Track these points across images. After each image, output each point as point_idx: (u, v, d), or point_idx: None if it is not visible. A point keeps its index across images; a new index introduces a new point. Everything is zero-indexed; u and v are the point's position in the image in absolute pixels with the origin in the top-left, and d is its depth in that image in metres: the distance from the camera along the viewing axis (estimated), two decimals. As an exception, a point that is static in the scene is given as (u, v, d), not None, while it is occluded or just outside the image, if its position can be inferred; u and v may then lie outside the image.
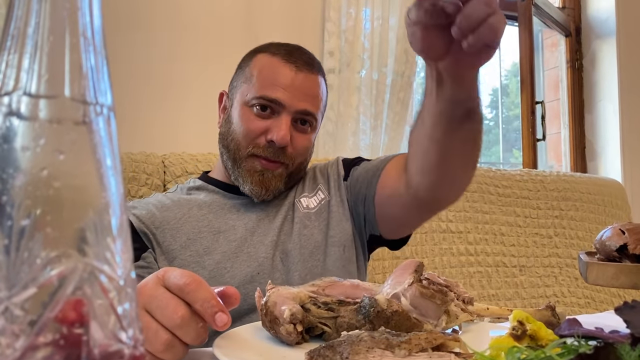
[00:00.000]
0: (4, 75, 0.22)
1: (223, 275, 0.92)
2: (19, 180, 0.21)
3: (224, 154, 1.02)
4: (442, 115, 0.75)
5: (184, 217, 0.98)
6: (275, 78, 0.97)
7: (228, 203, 1.02)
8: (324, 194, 1.06)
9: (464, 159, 0.83)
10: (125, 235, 0.24)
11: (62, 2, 0.23)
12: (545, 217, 1.80)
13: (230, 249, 0.95)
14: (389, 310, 0.58)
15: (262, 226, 1.00)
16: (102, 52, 0.24)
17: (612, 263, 0.56)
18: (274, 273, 0.95)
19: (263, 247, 0.96)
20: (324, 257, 0.99)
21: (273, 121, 0.97)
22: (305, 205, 1.04)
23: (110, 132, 0.24)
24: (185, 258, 0.93)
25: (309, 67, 1.00)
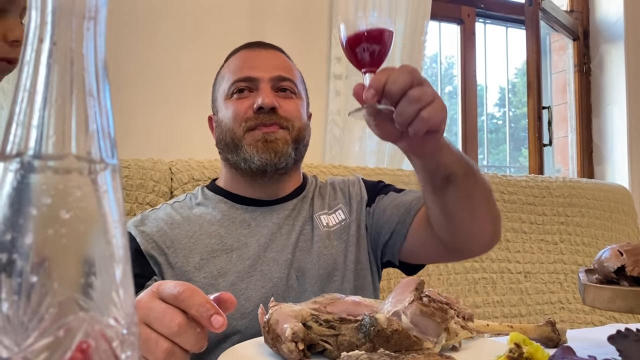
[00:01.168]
0: (13, 136, 0.24)
1: (238, 298, 0.90)
2: (28, 239, 0.22)
3: (228, 155, 1.02)
4: (424, 181, 0.83)
5: (195, 234, 0.97)
6: (242, 63, 1.04)
7: (238, 217, 1.00)
8: (345, 215, 1.04)
9: (468, 214, 0.84)
10: (127, 283, 0.25)
11: (70, 66, 0.24)
12: (551, 223, 1.80)
13: (244, 268, 0.94)
14: (389, 329, 0.59)
15: (275, 241, 0.98)
16: (107, 109, 0.26)
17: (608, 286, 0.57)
18: (289, 292, 0.93)
19: (277, 265, 0.95)
20: (342, 280, 0.98)
21: (254, 95, 1.00)
22: (325, 223, 1.02)
23: (115, 187, 0.25)
24: (200, 280, 0.92)
25: (269, 46, 1.08)
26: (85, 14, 0.25)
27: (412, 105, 0.66)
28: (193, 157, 1.47)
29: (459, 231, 0.88)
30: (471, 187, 0.82)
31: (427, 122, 0.67)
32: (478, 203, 0.84)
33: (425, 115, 0.66)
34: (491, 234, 0.90)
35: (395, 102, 0.67)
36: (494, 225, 0.89)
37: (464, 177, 0.80)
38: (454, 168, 0.78)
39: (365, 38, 0.69)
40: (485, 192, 0.86)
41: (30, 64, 0.24)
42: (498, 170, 2.67)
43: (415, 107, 0.66)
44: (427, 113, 0.66)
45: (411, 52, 1.97)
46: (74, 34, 0.25)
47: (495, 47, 2.62)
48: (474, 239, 0.90)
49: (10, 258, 0.22)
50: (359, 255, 1.01)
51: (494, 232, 0.90)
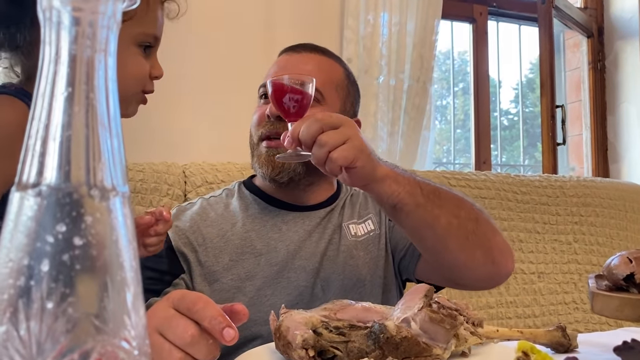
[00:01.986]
0: (29, 167, 0.25)
1: (263, 303, 0.92)
2: (44, 266, 0.24)
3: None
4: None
5: (227, 234, 0.98)
6: (277, 65, 1.04)
7: (270, 220, 1.01)
8: (374, 226, 1.04)
9: (435, 244, 0.86)
10: (138, 305, 0.26)
11: (83, 98, 0.25)
12: (565, 223, 1.79)
13: (272, 274, 0.94)
14: (398, 337, 0.60)
15: (304, 249, 0.98)
16: (118, 138, 0.27)
17: (616, 295, 0.57)
18: (313, 302, 0.93)
19: (304, 273, 0.96)
20: (369, 293, 0.98)
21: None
22: (353, 233, 1.02)
23: (125, 213, 0.26)
24: (227, 282, 0.93)
25: (305, 49, 1.05)
26: (97, 47, 0.26)
27: (321, 149, 0.75)
28: (206, 160, 1.48)
29: (437, 262, 0.89)
30: (430, 217, 0.83)
31: (336, 162, 0.75)
32: (446, 232, 0.84)
33: (334, 156, 0.74)
34: (484, 264, 0.87)
35: (309, 147, 0.77)
36: (488, 258, 0.87)
37: (417, 207, 0.82)
38: (401, 198, 0.81)
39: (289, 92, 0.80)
40: (462, 221, 0.85)
41: (45, 96, 0.25)
42: (511, 170, 2.65)
43: (324, 151, 0.75)
44: (337, 154, 0.74)
45: (422, 51, 1.97)
46: (87, 67, 0.26)
47: (509, 44, 2.60)
48: (462, 272, 0.88)
49: (28, 284, 0.23)
50: (386, 268, 1.01)
51: (489, 264, 0.87)
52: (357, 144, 0.76)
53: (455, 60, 2.64)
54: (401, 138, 1.93)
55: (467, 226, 0.85)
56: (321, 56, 1.06)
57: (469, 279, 0.91)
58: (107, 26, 0.27)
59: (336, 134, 0.75)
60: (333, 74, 1.05)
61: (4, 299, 0.24)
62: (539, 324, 1.66)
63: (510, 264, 0.91)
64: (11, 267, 0.24)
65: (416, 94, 1.96)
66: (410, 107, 1.94)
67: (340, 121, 0.77)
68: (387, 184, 0.81)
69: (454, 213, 0.85)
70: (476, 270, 0.88)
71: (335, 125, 0.76)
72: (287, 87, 0.80)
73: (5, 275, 0.24)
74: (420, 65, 1.95)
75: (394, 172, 0.83)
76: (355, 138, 0.77)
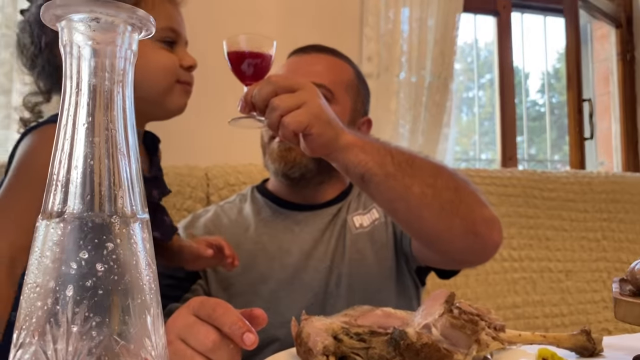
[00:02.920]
0: (53, 196, 0.26)
1: (279, 306, 0.93)
2: (69, 291, 0.25)
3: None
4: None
5: (240, 239, 0.99)
6: (285, 69, 1.04)
7: (280, 222, 1.01)
8: (379, 214, 1.03)
9: (407, 215, 0.81)
10: (158, 325, 0.27)
11: (102, 129, 0.26)
12: (593, 220, 1.76)
13: (286, 276, 0.95)
14: (419, 343, 0.60)
15: (317, 249, 0.99)
16: (136, 163, 0.28)
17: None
18: (328, 300, 0.94)
19: (318, 274, 0.96)
20: (382, 285, 0.98)
21: None
22: (358, 224, 1.01)
23: (144, 238, 0.27)
24: (241, 286, 0.94)
25: (315, 50, 1.05)
26: (115, 78, 0.27)
27: (272, 112, 0.72)
28: (228, 163, 1.50)
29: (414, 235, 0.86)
30: (401, 187, 0.78)
31: (288, 127, 0.71)
32: (419, 201, 0.79)
33: (286, 120, 0.71)
34: (463, 234, 0.82)
35: (262, 112, 0.74)
36: (469, 229, 0.82)
37: (386, 177, 0.78)
38: (369, 168, 0.77)
39: (247, 56, 0.78)
40: (438, 190, 0.80)
41: (68, 127, 0.27)
42: (539, 165, 2.61)
43: (275, 114, 0.72)
44: (289, 119, 0.71)
45: (443, 47, 1.95)
46: (106, 98, 0.27)
47: (535, 35, 2.56)
48: (441, 244, 0.84)
49: (54, 308, 0.25)
50: (396, 256, 1.00)
51: (470, 236, 0.83)
52: (313, 109, 0.73)
53: (482, 50, 2.61)
54: (422, 135, 1.92)
55: (443, 195, 0.81)
56: (331, 57, 1.05)
57: (450, 250, 0.86)
58: (125, 57, 0.28)
59: (290, 98, 0.72)
60: (343, 74, 1.04)
61: (33, 322, 0.25)
62: (567, 323, 1.64)
63: (496, 235, 0.85)
64: (39, 292, 0.25)
65: (437, 90, 1.95)
66: (431, 104, 1.93)
67: (298, 85, 0.74)
68: (352, 153, 0.77)
69: (428, 182, 0.80)
70: (456, 241, 0.83)
71: (291, 89, 0.73)
72: (245, 52, 0.77)
73: (34, 299, 0.25)
74: (442, 61, 1.94)
75: (362, 140, 0.78)
76: (312, 102, 0.73)
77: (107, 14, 0.26)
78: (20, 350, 0.25)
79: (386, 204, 0.82)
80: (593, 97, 2.43)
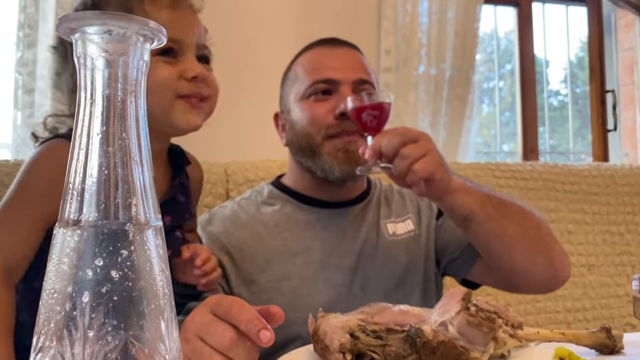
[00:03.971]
0: (69, 205, 0.27)
1: (301, 303, 0.93)
2: (85, 297, 0.26)
3: (302, 159, 1.00)
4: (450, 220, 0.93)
5: (261, 235, 0.98)
6: (320, 61, 1.01)
7: (303, 219, 1.01)
8: (414, 226, 1.04)
9: (502, 253, 0.90)
10: (172, 329, 0.28)
11: (116, 138, 0.27)
12: (616, 213, 1.73)
13: (308, 273, 0.95)
14: (435, 341, 0.60)
15: (340, 247, 0.98)
16: (150, 171, 0.28)
17: (660, 301, 0.56)
18: (352, 301, 0.92)
19: (340, 272, 0.96)
20: (410, 294, 0.98)
21: (334, 99, 0.96)
22: (391, 232, 1.02)
23: (157, 244, 0.28)
24: (264, 283, 0.94)
25: (345, 44, 1.04)
26: (128, 88, 0.28)
27: (403, 161, 0.79)
28: (247, 159, 1.51)
29: (500, 268, 0.91)
30: (498, 227, 0.88)
31: (417, 174, 0.79)
32: (512, 240, 0.89)
33: (416, 167, 0.79)
34: (544, 269, 0.92)
35: (390, 160, 0.80)
36: (549, 265, 0.92)
37: (487, 218, 0.87)
38: (473, 209, 0.86)
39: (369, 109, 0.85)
40: (526, 230, 0.90)
41: (83, 137, 0.27)
42: (560, 158, 2.57)
43: (406, 163, 0.79)
44: (418, 166, 0.79)
45: (464, 39, 1.93)
46: (120, 108, 0.28)
47: (557, 25, 2.51)
48: (523, 278, 0.92)
49: (71, 314, 0.26)
50: (427, 269, 1.01)
51: (549, 270, 0.93)
52: (437, 158, 0.81)
53: (502, 40, 2.57)
54: (443, 128, 1.91)
55: (530, 234, 0.90)
56: (358, 52, 1.05)
57: (530, 284, 0.94)
58: (137, 67, 0.28)
59: (417, 147, 0.79)
60: (371, 70, 1.05)
61: (51, 327, 0.26)
62: (589, 318, 1.62)
63: (567, 270, 0.95)
64: (56, 298, 0.26)
65: (458, 83, 1.93)
66: (452, 97, 1.91)
67: (419, 135, 0.82)
68: (459, 196, 0.85)
69: (519, 222, 0.90)
70: (537, 276, 0.93)
71: (415, 139, 0.80)
72: (367, 104, 0.85)
73: (52, 304, 0.26)
74: (463, 53, 1.92)
75: (465, 184, 0.87)
76: (434, 151, 0.81)
77: (119, 26, 0.27)
78: (40, 354, 0.26)
79: (484, 242, 0.91)
80: (617, 88, 2.38)
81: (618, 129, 2.28)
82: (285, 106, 1.06)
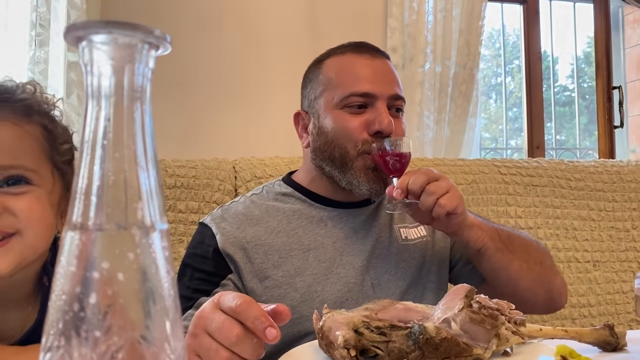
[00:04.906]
0: (77, 209, 0.27)
1: (314, 299, 0.94)
2: (92, 299, 0.26)
3: (327, 167, 1.00)
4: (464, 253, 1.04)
5: (274, 231, 0.99)
6: (357, 72, 0.99)
7: (315, 216, 1.02)
8: (426, 232, 1.07)
9: (508, 282, 0.98)
10: (177, 330, 0.29)
11: (122, 144, 0.28)
12: (622, 209, 1.72)
13: (321, 270, 0.96)
14: (438, 338, 0.61)
15: (351, 245, 1.00)
16: (155, 178, 0.29)
17: (661, 299, 0.56)
18: (363, 299, 0.94)
19: (353, 270, 0.98)
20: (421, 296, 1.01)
21: (370, 113, 0.96)
22: (404, 237, 1.04)
23: (163, 247, 0.29)
24: (278, 278, 0.94)
25: (381, 54, 1.03)
26: (134, 94, 0.29)
27: (430, 197, 0.88)
28: (255, 156, 1.52)
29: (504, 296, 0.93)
30: (506, 260, 0.96)
31: (444, 207, 0.87)
32: (517, 274, 0.97)
33: (442, 202, 0.87)
34: (544, 300, 1.02)
35: (417, 196, 0.89)
36: (548, 297, 1.02)
37: (497, 251, 0.95)
38: (485, 242, 0.95)
39: (392, 155, 0.94)
40: (531, 265, 0.99)
41: (89, 143, 0.28)
42: (567, 154, 2.56)
43: (432, 198, 0.88)
44: (444, 200, 0.88)
45: (468, 37, 1.93)
46: (126, 114, 0.28)
47: (564, 21, 2.50)
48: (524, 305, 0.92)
49: (79, 315, 0.26)
50: (439, 274, 1.04)
51: (548, 302, 1.03)
52: (458, 194, 0.90)
53: (511, 36, 2.56)
54: (448, 125, 1.91)
55: (534, 269, 0.99)
56: (389, 61, 1.05)
57: (528, 310, 0.98)
58: (143, 74, 0.29)
59: (442, 184, 0.89)
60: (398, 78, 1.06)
61: (60, 327, 0.27)
62: (595, 314, 1.62)
63: (564, 299, 1.06)
64: (64, 300, 0.27)
65: (463, 80, 1.93)
66: (457, 94, 1.91)
67: (440, 174, 0.91)
68: (474, 231, 0.94)
69: (524, 257, 0.99)
70: (537, 305, 1.03)
71: (437, 177, 0.90)
72: (389, 151, 0.93)
73: (60, 306, 0.27)
74: (467, 51, 1.92)
75: (477, 219, 0.96)
76: (455, 189, 0.90)
77: (125, 35, 0.28)
78: (49, 353, 0.26)
79: (491, 272, 0.98)
80: (624, 84, 2.37)
81: (625, 125, 2.27)
82: (312, 109, 1.03)
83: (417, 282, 1.01)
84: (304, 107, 1.07)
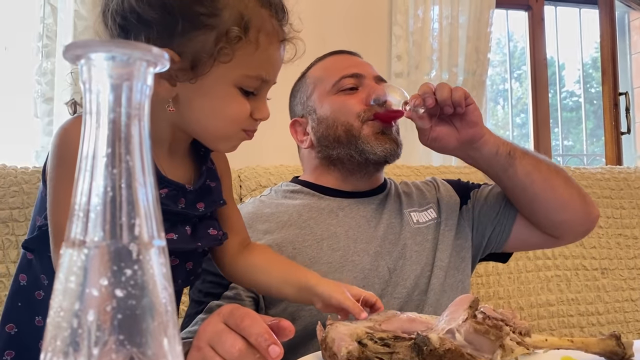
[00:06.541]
0: (75, 226, 0.28)
1: None
2: (90, 316, 0.27)
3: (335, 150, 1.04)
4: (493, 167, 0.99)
5: (286, 224, 1.00)
6: (341, 63, 1.09)
7: (325, 207, 1.04)
8: (435, 214, 1.08)
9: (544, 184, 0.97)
10: (174, 345, 0.29)
11: (121, 161, 0.28)
12: (630, 216, 1.71)
13: (336, 259, 0.97)
14: (442, 349, 0.60)
15: (363, 233, 1.01)
16: (152, 194, 0.29)
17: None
18: (380, 285, 0.96)
19: (368, 257, 0.98)
20: (430, 277, 1.01)
21: (362, 91, 1.04)
22: (415, 220, 1.06)
23: (161, 263, 0.29)
24: None
25: (354, 54, 1.14)
26: (132, 111, 0.29)
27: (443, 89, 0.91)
28: (260, 164, 1.52)
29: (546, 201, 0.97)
30: (535, 162, 0.98)
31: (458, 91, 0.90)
32: (548, 174, 0.98)
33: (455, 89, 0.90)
34: (581, 206, 0.99)
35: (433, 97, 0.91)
36: (582, 198, 1.00)
37: (524, 154, 0.97)
38: (512, 145, 0.97)
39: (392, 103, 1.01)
40: (557, 168, 1.00)
41: (88, 159, 0.28)
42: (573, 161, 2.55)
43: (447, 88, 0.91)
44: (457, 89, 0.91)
45: (477, 44, 1.93)
46: (125, 131, 0.29)
47: (570, 27, 2.50)
48: (564, 215, 0.98)
49: (77, 332, 0.26)
50: (450, 255, 1.04)
51: (584, 205, 1.00)
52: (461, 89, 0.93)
53: (518, 42, 2.56)
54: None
55: (560, 172, 1.00)
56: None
57: (570, 223, 1.01)
58: (141, 91, 0.29)
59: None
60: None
61: (58, 344, 0.27)
62: (603, 322, 1.60)
63: (595, 208, 1.03)
64: (63, 316, 0.27)
65: (472, 87, 1.93)
66: (464, 101, 1.91)
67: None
68: (495, 137, 0.97)
69: (548, 162, 1.01)
70: (576, 212, 1.00)
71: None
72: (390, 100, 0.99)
73: (58, 322, 0.27)
74: (476, 58, 1.92)
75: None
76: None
77: (123, 53, 0.28)
78: (48, 370, 0.27)
79: (525, 178, 0.97)
80: (631, 90, 2.36)
81: (632, 131, 2.26)
82: (307, 108, 1.09)
83: (429, 264, 1.02)
84: (298, 113, 1.13)
